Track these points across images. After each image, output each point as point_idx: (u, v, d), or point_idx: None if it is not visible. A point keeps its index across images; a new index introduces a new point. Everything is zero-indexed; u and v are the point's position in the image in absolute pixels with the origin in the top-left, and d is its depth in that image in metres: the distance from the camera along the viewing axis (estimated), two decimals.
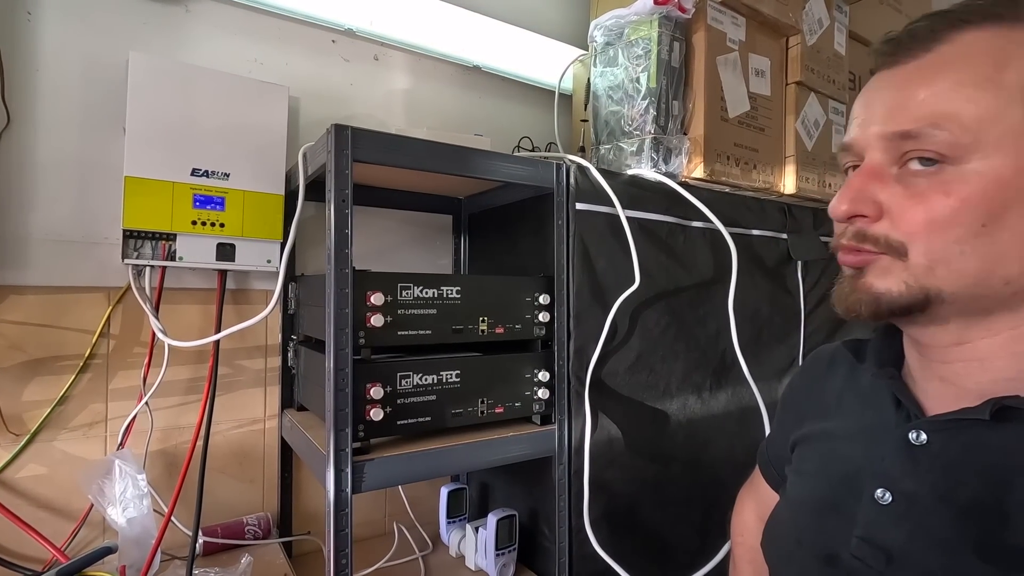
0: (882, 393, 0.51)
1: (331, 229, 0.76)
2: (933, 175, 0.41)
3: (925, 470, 0.44)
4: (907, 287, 0.42)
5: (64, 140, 0.95)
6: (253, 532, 1.04)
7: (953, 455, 0.43)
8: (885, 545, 0.45)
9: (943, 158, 0.40)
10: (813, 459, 0.57)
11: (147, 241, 0.93)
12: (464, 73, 1.36)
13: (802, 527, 0.54)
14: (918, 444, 0.45)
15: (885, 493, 0.46)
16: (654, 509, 1.03)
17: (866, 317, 0.45)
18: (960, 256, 0.40)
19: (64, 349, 0.95)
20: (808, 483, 0.56)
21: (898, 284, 0.43)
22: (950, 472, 0.43)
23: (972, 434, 0.43)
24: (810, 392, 0.63)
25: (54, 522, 0.93)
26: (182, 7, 1.04)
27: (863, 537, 0.46)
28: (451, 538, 1.13)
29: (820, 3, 1.25)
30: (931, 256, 0.41)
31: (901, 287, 0.43)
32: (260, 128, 1.01)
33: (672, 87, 1.06)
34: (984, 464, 0.42)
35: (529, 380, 0.93)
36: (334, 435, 0.75)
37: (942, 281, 0.41)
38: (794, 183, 1.21)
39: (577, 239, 0.94)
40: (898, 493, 0.45)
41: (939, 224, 0.41)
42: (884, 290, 0.44)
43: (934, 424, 0.45)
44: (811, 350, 1.23)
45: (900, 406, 0.48)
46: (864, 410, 0.53)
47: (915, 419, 0.46)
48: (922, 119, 0.41)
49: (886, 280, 0.43)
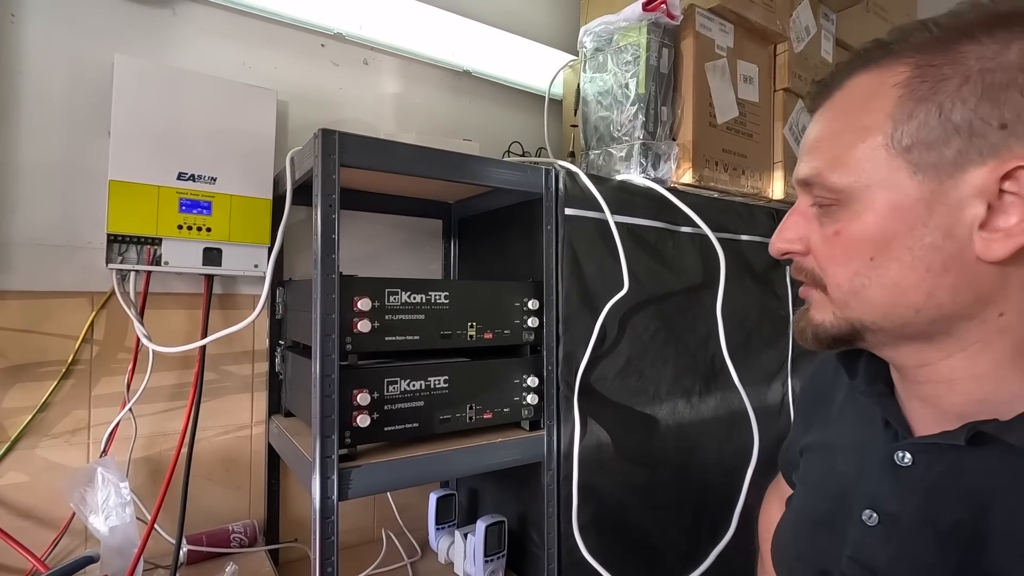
0: (875, 409, 0.51)
1: (318, 234, 0.75)
2: (830, 215, 0.44)
3: (909, 492, 0.44)
4: (835, 318, 0.45)
5: (48, 143, 0.94)
6: (239, 540, 1.02)
7: (936, 478, 0.43)
8: (871, 566, 0.45)
9: (833, 200, 0.44)
10: (815, 470, 0.58)
11: (132, 245, 0.92)
12: (454, 78, 1.36)
13: (801, 541, 0.54)
14: (903, 465, 0.45)
15: (872, 515, 0.46)
16: (643, 514, 1.02)
17: (812, 346, 0.48)
18: (864, 288, 0.43)
19: (46, 355, 0.93)
20: (809, 495, 0.57)
21: (828, 316, 0.46)
22: (932, 495, 0.43)
23: (953, 457, 0.43)
24: (816, 399, 0.63)
25: (35, 531, 0.91)
26: (169, 10, 1.03)
27: (852, 557, 0.46)
28: (440, 544, 1.12)
29: (807, 11, 1.26)
30: (841, 290, 0.44)
31: (831, 318, 0.46)
32: (248, 132, 1.01)
33: (661, 93, 1.06)
34: (964, 488, 0.42)
35: (518, 385, 0.93)
36: (320, 442, 0.74)
37: (859, 312, 0.44)
38: (782, 189, 1.21)
39: (566, 244, 0.94)
40: (884, 515, 0.45)
41: (838, 260, 0.44)
42: (820, 321, 0.47)
43: (920, 445, 0.45)
44: (800, 355, 1.24)
45: (888, 424, 0.48)
46: (861, 424, 0.53)
47: (902, 439, 0.46)
48: (813, 168, 0.45)
49: (821, 313, 0.47)
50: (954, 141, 0.38)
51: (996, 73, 0.37)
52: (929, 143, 0.39)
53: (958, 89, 0.38)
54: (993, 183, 0.38)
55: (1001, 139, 0.37)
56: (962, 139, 0.38)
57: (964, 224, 0.39)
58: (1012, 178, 0.37)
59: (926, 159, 0.39)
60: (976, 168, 0.38)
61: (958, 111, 0.38)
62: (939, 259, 0.40)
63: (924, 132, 0.39)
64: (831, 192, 0.43)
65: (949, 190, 0.39)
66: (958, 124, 0.38)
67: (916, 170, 0.40)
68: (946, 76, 0.39)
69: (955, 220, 0.39)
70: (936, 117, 0.39)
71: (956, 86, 0.38)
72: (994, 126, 0.37)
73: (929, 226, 0.40)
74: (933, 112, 0.39)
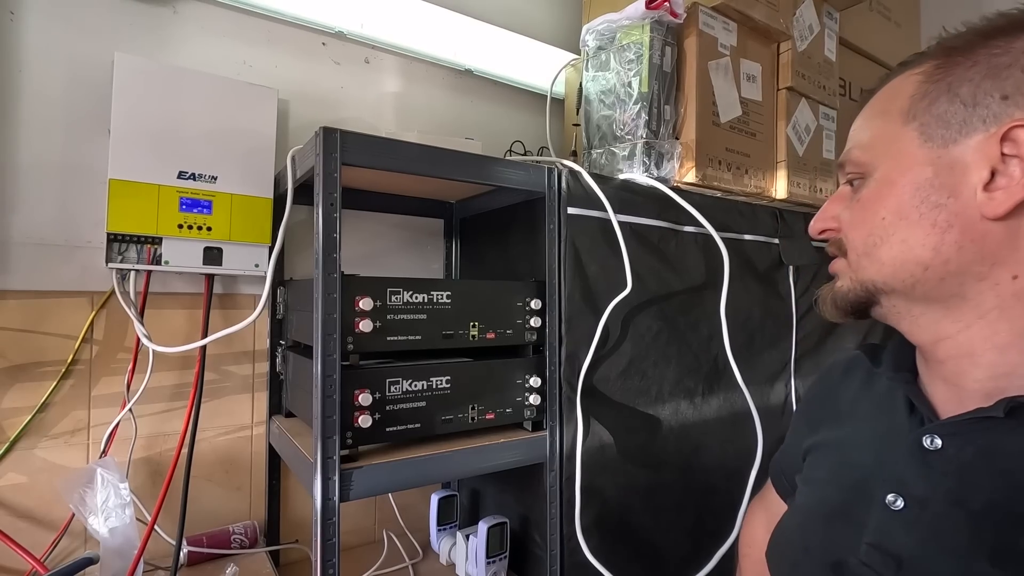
0: (896, 398, 0.51)
1: (319, 233, 0.75)
2: (857, 189, 0.50)
3: (939, 475, 0.44)
4: (851, 282, 0.50)
5: (47, 142, 0.93)
6: (239, 541, 1.02)
7: (968, 459, 0.43)
8: (895, 551, 0.44)
9: (858, 174, 0.50)
10: (824, 467, 0.57)
11: (132, 245, 0.92)
12: (456, 77, 1.36)
13: (810, 534, 0.53)
14: (932, 449, 0.45)
15: (897, 499, 0.46)
16: (646, 515, 1.02)
17: (830, 312, 0.53)
18: (875, 247, 0.47)
19: (46, 355, 0.93)
20: (818, 491, 0.56)
21: (846, 281, 0.51)
22: (965, 476, 0.43)
23: (988, 439, 0.43)
24: (824, 401, 0.62)
25: (34, 532, 0.91)
26: (169, 8, 1.03)
27: (873, 543, 0.46)
28: (441, 546, 1.11)
29: (811, 9, 1.26)
30: (856, 250, 0.49)
31: (848, 283, 0.50)
32: (248, 131, 1.00)
33: (664, 92, 1.05)
34: (999, 468, 0.42)
35: (520, 386, 0.92)
36: (321, 442, 0.74)
37: (871, 272, 0.48)
38: (785, 188, 1.21)
39: (569, 244, 0.94)
40: (910, 498, 0.45)
41: (855, 223, 0.50)
42: (839, 287, 0.52)
43: (947, 427, 0.45)
44: (803, 354, 1.23)
45: (914, 411, 0.49)
46: (878, 416, 0.53)
47: (928, 423, 0.47)
48: (844, 152, 0.52)
49: (841, 279, 0.52)
50: (960, 112, 0.44)
51: (1002, 56, 0.43)
52: (938, 115, 0.45)
53: (966, 71, 0.44)
54: (994, 146, 0.42)
55: (1002, 108, 0.42)
56: (967, 110, 0.43)
57: (968, 185, 0.43)
58: (1010, 140, 0.41)
59: (935, 129, 0.45)
60: (978, 135, 0.43)
61: (965, 87, 0.44)
62: (944, 216, 0.44)
63: (935, 107, 0.45)
64: (857, 167, 0.50)
65: (954, 154, 0.44)
66: (964, 97, 0.44)
67: (926, 139, 0.45)
68: (958, 63, 0.45)
69: (959, 181, 0.43)
70: (946, 94, 0.44)
71: (964, 68, 0.44)
72: (996, 98, 0.42)
73: (935, 186, 0.44)
74: (944, 90, 0.45)
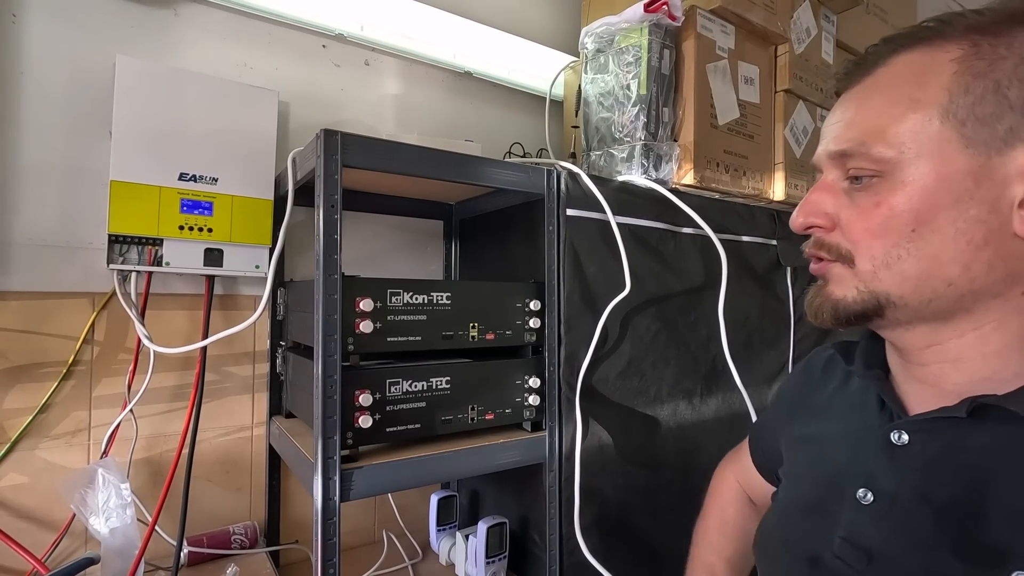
0: (868, 395, 0.52)
1: (320, 234, 0.75)
2: (869, 188, 0.44)
3: (906, 469, 0.45)
4: (859, 293, 0.45)
5: (49, 143, 0.94)
6: (239, 541, 1.02)
7: (933, 454, 0.44)
8: (865, 545, 0.45)
9: (876, 172, 0.44)
10: (802, 462, 0.58)
11: (133, 246, 0.92)
12: (455, 79, 1.36)
13: (788, 529, 0.54)
14: (899, 444, 0.46)
15: (867, 493, 0.46)
16: (645, 516, 1.02)
17: (829, 323, 0.48)
18: (899, 260, 0.43)
19: (47, 356, 0.93)
20: (796, 486, 0.57)
21: (851, 291, 0.46)
22: (930, 471, 0.44)
23: (952, 434, 0.43)
24: (803, 394, 0.63)
25: (35, 532, 0.91)
26: (171, 11, 1.03)
27: (845, 537, 0.47)
28: (441, 546, 1.12)
29: (808, 12, 1.27)
30: (874, 262, 0.44)
31: (854, 293, 0.45)
32: (249, 133, 1.01)
33: (662, 94, 1.06)
34: (962, 464, 0.42)
35: (520, 386, 0.93)
36: (322, 443, 0.74)
37: (888, 285, 0.44)
38: (783, 190, 1.21)
39: (568, 245, 0.94)
40: (879, 493, 0.46)
41: (875, 232, 0.44)
42: (841, 296, 0.46)
43: (914, 424, 0.46)
44: (801, 356, 1.24)
45: (884, 407, 0.49)
46: (852, 412, 0.54)
47: (897, 419, 0.47)
48: (855, 139, 0.44)
49: (842, 287, 0.46)
50: (1008, 118, 0.39)
51: None
52: (983, 118, 0.40)
53: (1015, 68, 0.39)
54: None
55: None
56: (1016, 116, 0.39)
57: (1007, 200, 0.40)
58: None
59: (979, 134, 0.40)
60: None
61: (1015, 89, 0.39)
62: (981, 232, 0.40)
63: (980, 107, 0.40)
64: (875, 164, 0.43)
65: (997, 166, 0.40)
66: (1013, 102, 0.39)
67: (968, 144, 0.40)
68: (1003, 56, 0.40)
69: (1000, 195, 0.40)
70: (993, 93, 0.40)
71: (1013, 65, 0.39)
72: None
73: (975, 199, 0.40)
74: (990, 88, 0.40)
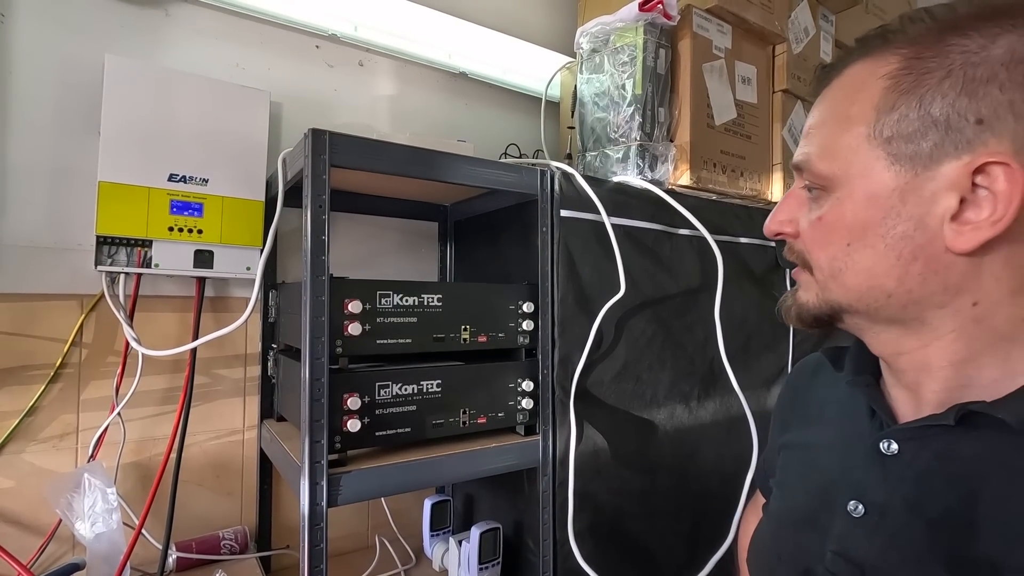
0: (858, 402, 0.51)
1: (307, 235, 0.74)
2: (817, 200, 0.46)
3: (896, 480, 0.44)
4: (817, 299, 0.47)
5: (37, 144, 0.93)
6: (229, 547, 1.01)
7: (923, 465, 0.43)
8: (858, 559, 0.44)
9: (820, 186, 0.45)
10: (793, 471, 0.57)
11: (122, 248, 0.91)
12: (450, 80, 1.35)
13: (782, 542, 0.53)
14: (889, 454, 0.45)
15: (858, 505, 0.45)
16: (641, 521, 1.01)
17: (795, 324, 0.50)
18: (842, 272, 0.44)
19: (34, 358, 0.92)
20: (788, 496, 0.56)
21: (812, 296, 0.47)
22: (921, 482, 0.42)
23: (942, 443, 0.42)
24: (794, 402, 0.62)
25: (21, 537, 0.90)
26: (161, 10, 1.03)
27: (837, 551, 0.45)
28: (434, 552, 1.10)
29: (806, 12, 1.25)
30: (823, 272, 0.46)
31: (814, 299, 0.47)
32: (240, 133, 1.00)
33: (658, 94, 1.05)
34: (953, 474, 0.41)
35: (513, 390, 0.92)
36: (309, 447, 0.73)
37: (836, 294, 0.45)
38: (781, 190, 1.20)
39: (562, 246, 0.93)
40: (870, 505, 0.45)
41: (820, 243, 0.45)
42: (804, 301, 0.48)
43: (904, 433, 0.44)
44: (799, 358, 1.22)
45: (874, 415, 0.48)
46: (842, 419, 0.53)
47: (887, 428, 0.46)
48: (804, 154, 0.46)
49: (807, 293, 0.48)
50: (931, 134, 0.39)
51: (978, 68, 0.38)
52: (908, 135, 0.40)
53: (939, 83, 0.39)
54: (966, 177, 0.38)
55: (976, 134, 0.38)
56: (939, 132, 0.39)
57: (936, 216, 0.39)
58: (983, 172, 0.38)
59: (904, 151, 0.40)
60: (951, 161, 0.38)
61: (937, 105, 0.39)
62: (909, 248, 0.41)
63: (904, 124, 0.40)
64: (818, 178, 0.45)
65: (924, 182, 0.40)
66: (936, 118, 0.39)
67: (893, 161, 0.41)
68: (930, 69, 0.39)
69: (927, 211, 0.40)
70: (916, 110, 0.39)
71: (938, 80, 0.39)
72: (971, 121, 0.38)
73: (902, 216, 0.41)
74: (914, 105, 0.40)
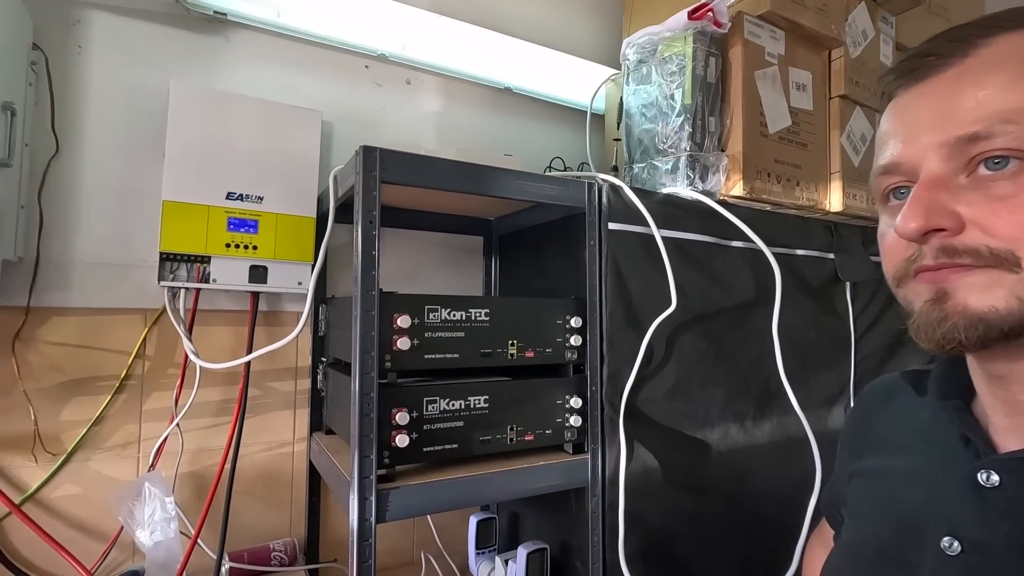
0: (947, 428, 0.46)
1: (358, 250, 0.75)
2: (1015, 175, 0.37)
3: (998, 516, 0.39)
4: (1019, 302, 0.36)
5: (107, 166, 0.98)
6: (279, 558, 1.02)
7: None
8: None
9: (1018, 154, 0.36)
10: (867, 500, 0.53)
11: (183, 264, 0.95)
12: (495, 95, 1.36)
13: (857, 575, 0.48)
14: (988, 486, 0.40)
15: (953, 542, 0.41)
16: (694, 545, 0.96)
17: (971, 346, 0.38)
18: None
19: (101, 370, 0.96)
20: (864, 527, 0.52)
21: (1008, 300, 0.36)
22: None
23: None
24: (866, 427, 0.58)
25: (86, 543, 0.93)
26: (222, 37, 1.07)
27: None
28: (480, 570, 1.08)
29: (864, 14, 1.20)
30: None
31: (1012, 303, 0.36)
32: (293, 152, 1.03)
33: (708, 103, 1.02)
34: None
35: (560, 406, 0.90)
36: (358, 462, 0.73)
37: None
38: (840, 200, 1.15)
39: (610, 260, 0.91)
40: (968, 543, 0.40)
41: None
42: (988, 309, 0.37)
43: (1007, 463, 0.40)
44: (863, 376, 1.15)
45: (968, 443, 0.44)
46: (926, 447, 0.48)
47: (984, 457, 0.42)
48: (987, 118, 0.37)
49: (989, 297, 0.37)
50: None
51: None
52: None
53: None
54: None
55: None
56: None
57: None
58: None
59: None
60: None
61: None
62: None
63: None
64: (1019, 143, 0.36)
65: None
66: None
67: None
68: None
69: None
70: None
71: None
72: None
73: None
74: None
